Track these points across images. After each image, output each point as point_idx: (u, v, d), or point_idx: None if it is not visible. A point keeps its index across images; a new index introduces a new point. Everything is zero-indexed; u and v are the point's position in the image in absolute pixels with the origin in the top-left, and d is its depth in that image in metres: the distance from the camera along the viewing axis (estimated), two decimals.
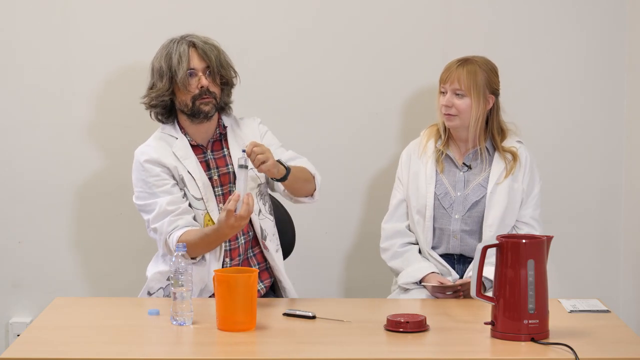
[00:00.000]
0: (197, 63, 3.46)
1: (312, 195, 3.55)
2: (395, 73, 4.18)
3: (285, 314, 3.13)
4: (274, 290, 3.60)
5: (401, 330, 2.94)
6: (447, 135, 3.66)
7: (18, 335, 3.59)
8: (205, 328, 2.99)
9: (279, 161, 3.37)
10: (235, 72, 3.56)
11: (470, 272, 3.57)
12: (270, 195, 3.66)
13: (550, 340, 2.84)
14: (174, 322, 3.01)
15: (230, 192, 3.49)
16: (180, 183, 3.47)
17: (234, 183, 3.50)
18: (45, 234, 4.20)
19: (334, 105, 4.19)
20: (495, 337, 2.88)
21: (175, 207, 3.43)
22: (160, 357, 2.79)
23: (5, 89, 4.14)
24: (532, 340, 2.83)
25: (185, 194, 3.47)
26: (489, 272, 3.36)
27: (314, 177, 3.53)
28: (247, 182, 3.28)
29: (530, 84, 4.15)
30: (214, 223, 3.42)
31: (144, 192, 3.47)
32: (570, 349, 2.75)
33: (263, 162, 3.26)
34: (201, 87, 3.45)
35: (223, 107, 3.57)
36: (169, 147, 3.51)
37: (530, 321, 2.83)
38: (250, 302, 2.94)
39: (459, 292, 3.48)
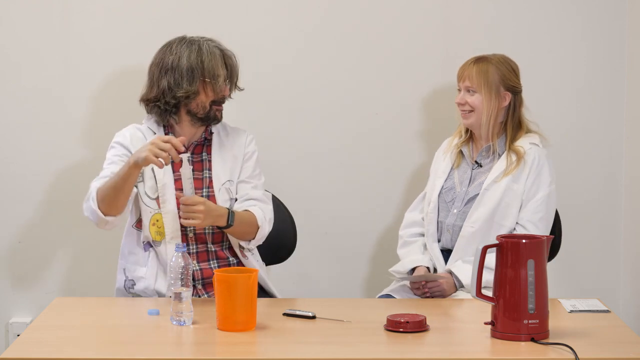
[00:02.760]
0: (221, 70, 3.47)
1: (247, 241, 3.52)
2: (400, 75, 4.18)
3: (285, 314, 3.13)
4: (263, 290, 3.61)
5: (401, 330, 2.94)
6: (468, 134, 3.70)
7: (18, 335, 3.58)
8: (205, 328, 2.99)
9: (229, 210, 3.38)
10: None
11: (449, 266, 3.59)
12: (273, 197, 3.66)
13: (550, 340, 2.84)
14: (174, 322, 3.01)
15: (202, 197, 3.44)
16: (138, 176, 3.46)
17: (207, 187, 3.50)
18: (45, 234, 4.21)
19: (337, 107, 4.19)
20: (495, 337, 2.88)
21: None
22: (160, 357, 2.79)
23: (4, 89, 4.14)
24: (532, 340, 2.83)
25: (138, 190, 3.46)
26: (466, 273, 3.42)
27: (257, 229, 3.48)
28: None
29: (529, 84, 4.14)
30: (161, 224, 3.43)
31: (105, 163, 3.49)
32: (570, 349, 2.75)
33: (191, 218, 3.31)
34: (223, 95, 3.47)
35: None
36: (144, 139, 3.50)
37: (530, 321, 2.83)
38: (250, 302, 2.94)
39: (424, 288, 3.52)
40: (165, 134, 3.52)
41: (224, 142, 3.57)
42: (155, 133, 3.52)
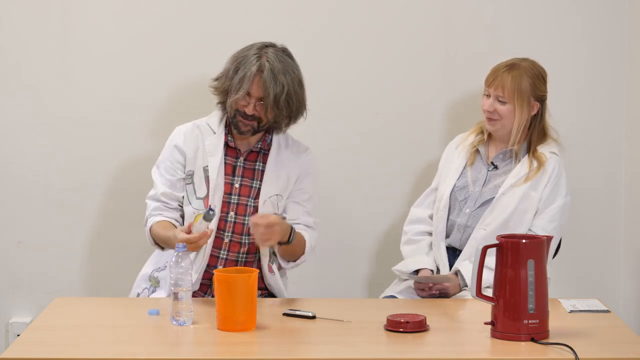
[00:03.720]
0: (255, 90, 3.41)
1: (288, 262, 3.54)
2: (400, 75, 4.17)
3: (285, 314, 3.13)
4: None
5: (401, 330, 2.94)
6: (488, 134, 3.69)
7: (18, 335, 3.58)
8: (205, 328, 2.99)
9: (292, 230, 3.38)
10: (304, 108, 3.50)
11: (456, 267, 3.58)
12: None
13: (550, 340, 2.84)
14: (174, 322, 3.01)
15: (246, 206, 3.49)
16: (187, 178, 3.49)
17: (253, 198, 3.50)
18: (45, 234, 4.20)
19: (337, 107, 4.19)
20: (495, 337, 2.88)
21: (168, 201, 3.49)
22: (160, 357, 2.79)
23: (4, 89, 4.14)
24: (532, 340, 2.83)
25: (186, 191, 3.49)
26: (469, 271, 3.42)
27: (303, 254, 3.51)
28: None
29: None
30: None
31: (159, 167, 3.53)
32: (570, 349, 2.75)
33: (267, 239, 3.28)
34: (245, 111, 3.42)
35: (276, 127, 3.52)
36: (201, 138, 3.52)
37: (530, 321, 2.83)
38: (250, 302, 2.94)
39: (435, 290, 3.51)
40: (226, 134, 3.52)
41: (282, 155, 3.55)
42: (215, 133, 3.51)
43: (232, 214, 3.49)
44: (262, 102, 3.41)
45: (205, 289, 3.51)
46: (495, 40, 4.14)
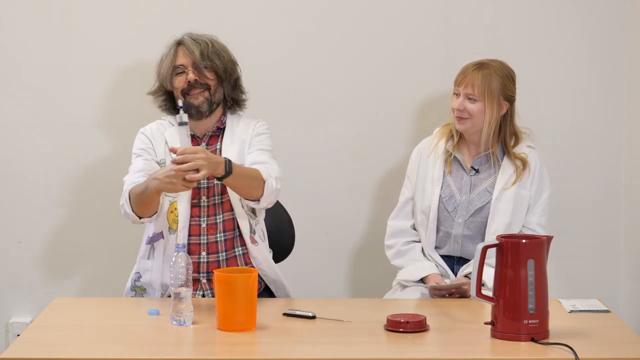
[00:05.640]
0: (182, 59, 3.50)
1: (258, 200, 3.46)
2: (400, 75, 4.17)
3: (285, 314, 3.13)
4: (269, 291, 3.61)
5: (401, 330, 2.94)
6: (458, 137, 3.67)
7: (18, 335, 3.59)
8: (205, 328, 2.99)
9: (226, 160, 3.33)
10: (236, 63, 3.57)
11: (464, 270, 3.58)
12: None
13: (550, 340, 2.84)
14: (174, 322, 3.01)
15: (214, 187, 3.51)
16: (161, 165, 3.52)
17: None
18: (45, 234, 4.21)
19: (337, 107, 4.19)
20: (495, 337, 2.88)
21: (147, 172, 3.46)
22: (160, 357, 2.79)
23: (4, 89, 4.14)
24: (532, 340, 2.83)
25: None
26: (487, 274, 3.38)
27: (264, 182, 3.42)
28: (188, 138, 3.36)
29: (530, 84, 4.15)
30: (177, 213, 3.45)
31: (133, 156, 3.56)
32: (570, 349, 2.75)
33: (195, 170, 3.25)
34: (188, 81, 3.48)
35: (234, 103, 3.59)
36: (163, 131, 3.57)
37: (530, 321, 2.83)
38: (250, 302, 2.94)
39: (454, 293, 3.49)
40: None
41: (235, 129, 3.59)
42: (173, 125, 3.56)
43: (204, 198, 3.50)
44: (195, 64, 3.48)
45: (195, 285, 3.48)
46: (495, 40, 4.14)
